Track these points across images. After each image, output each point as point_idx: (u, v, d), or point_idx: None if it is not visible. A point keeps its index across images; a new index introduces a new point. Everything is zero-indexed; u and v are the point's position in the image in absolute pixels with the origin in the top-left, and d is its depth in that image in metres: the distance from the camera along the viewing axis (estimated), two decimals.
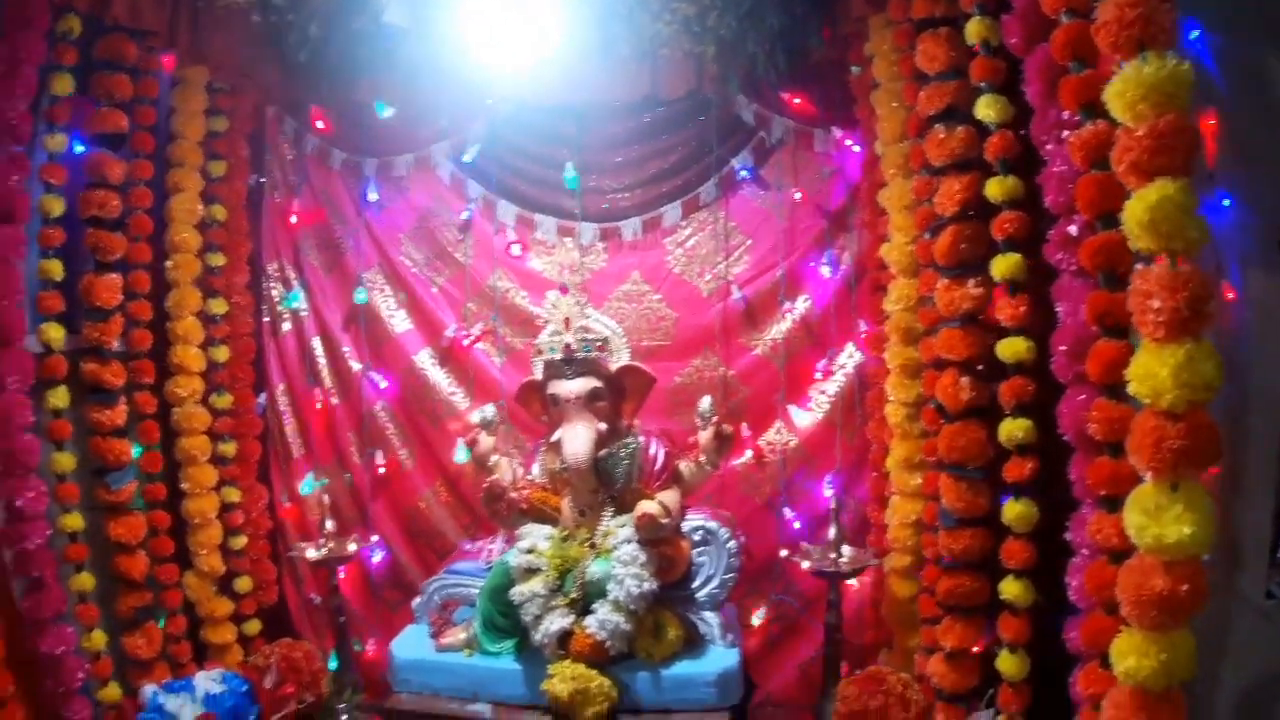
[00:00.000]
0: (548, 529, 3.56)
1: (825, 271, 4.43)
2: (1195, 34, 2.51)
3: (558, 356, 3.64)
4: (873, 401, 4.16)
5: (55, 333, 3.51)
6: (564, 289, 3.94)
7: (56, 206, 3.50)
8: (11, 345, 3.28)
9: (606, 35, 4.03)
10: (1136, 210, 1.89)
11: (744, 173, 4.48)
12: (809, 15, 3.92)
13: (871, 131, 3.95)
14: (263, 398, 4.69)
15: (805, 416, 4.49)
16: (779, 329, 4.48)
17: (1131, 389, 1.95)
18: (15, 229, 3.29)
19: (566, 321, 3.67)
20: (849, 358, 4.42)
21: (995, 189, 2.92)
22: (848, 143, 4.31)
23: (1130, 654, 1.97)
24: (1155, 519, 1.88)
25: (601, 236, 4.60)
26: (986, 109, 2.92)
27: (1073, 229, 2.51)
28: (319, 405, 4.77)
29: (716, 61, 4.07)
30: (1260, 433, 2.73)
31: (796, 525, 4.40)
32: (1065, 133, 2.45)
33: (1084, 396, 2.48)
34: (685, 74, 4.16)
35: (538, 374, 3.76)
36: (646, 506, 3.38)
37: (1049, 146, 2.57)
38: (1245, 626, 2.78)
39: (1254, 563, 2.77)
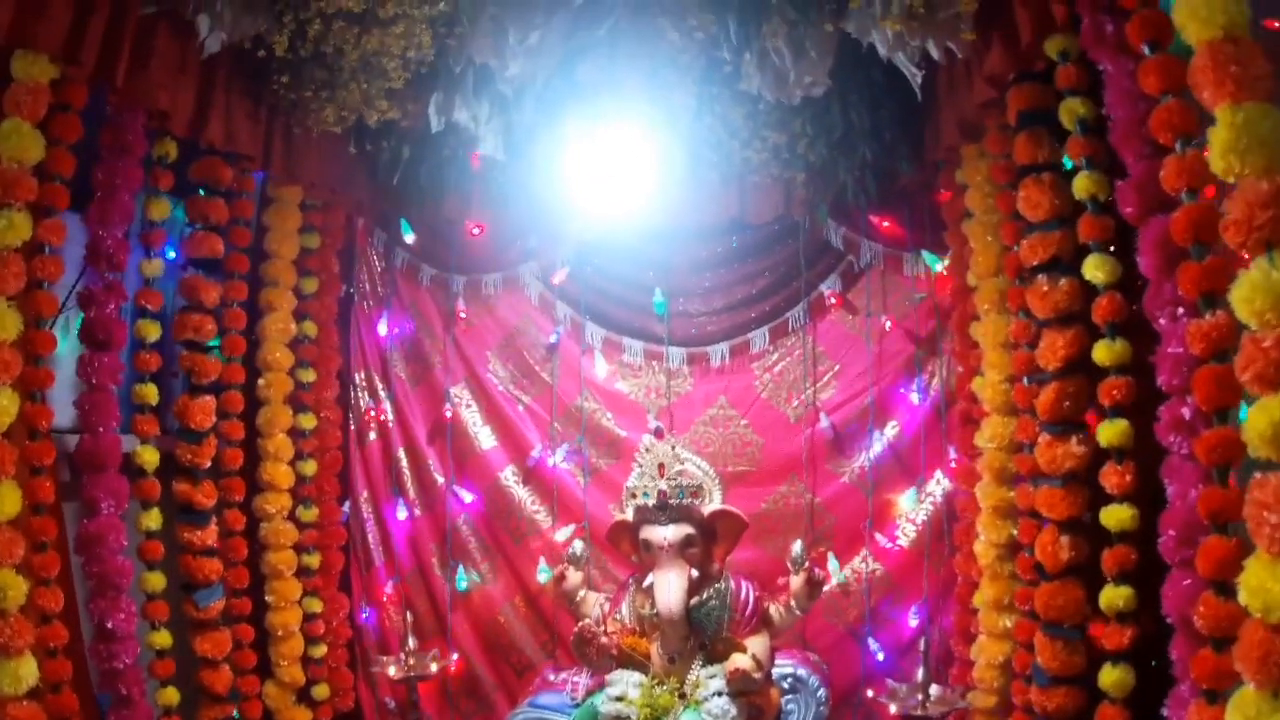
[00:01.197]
0: (637, 676, 3.55)
1: (914, 398, 4.43)
2: None
3: (651, 503, 3.66)
4: (961, 534, 4.08)
5: (150, 456, 3.58)
6: (660, 434, 4.01)
7: (153, 331, 3.58)
8: (107, 470, 3.34)
9: (695, 161, 4.11)
10: (1259, 423, 1.83)
11: (832, 298, 4.53)
12: (899, 141, 3.94)
13: (961, 258, 3.95)
14: (347, 506, 4.72)
15: (892, 545, 4.46)
16: (867, 456, 4.47)
17: (1242, 599, 1.92)
18: (113, 356, 3.37)
19: (661, 467, 3.70)
20: (938, 485, 4.39)
21: (1104, 354, 2.87)
22: (937, 268, 4.30)
23: None
24: None
25: (689, 360, 4.64)
26: (1095, 270, 2.87)
27: (1185, 411, 2.43)
28: (402, 516, 4.79)
29: (805, 187, 4.15)
30: None
31: (880, 656, 4.34)
32: (1179, 310, 2.38)
33: (1189, 581, 2.41)
34: (773, 199, 4.23)
35: (629, 515, 3.77)
36: (740, 661, 3.36)
37: (1162, 321, 2.49)
38: None
39: None
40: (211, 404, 3.81)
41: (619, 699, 3.42)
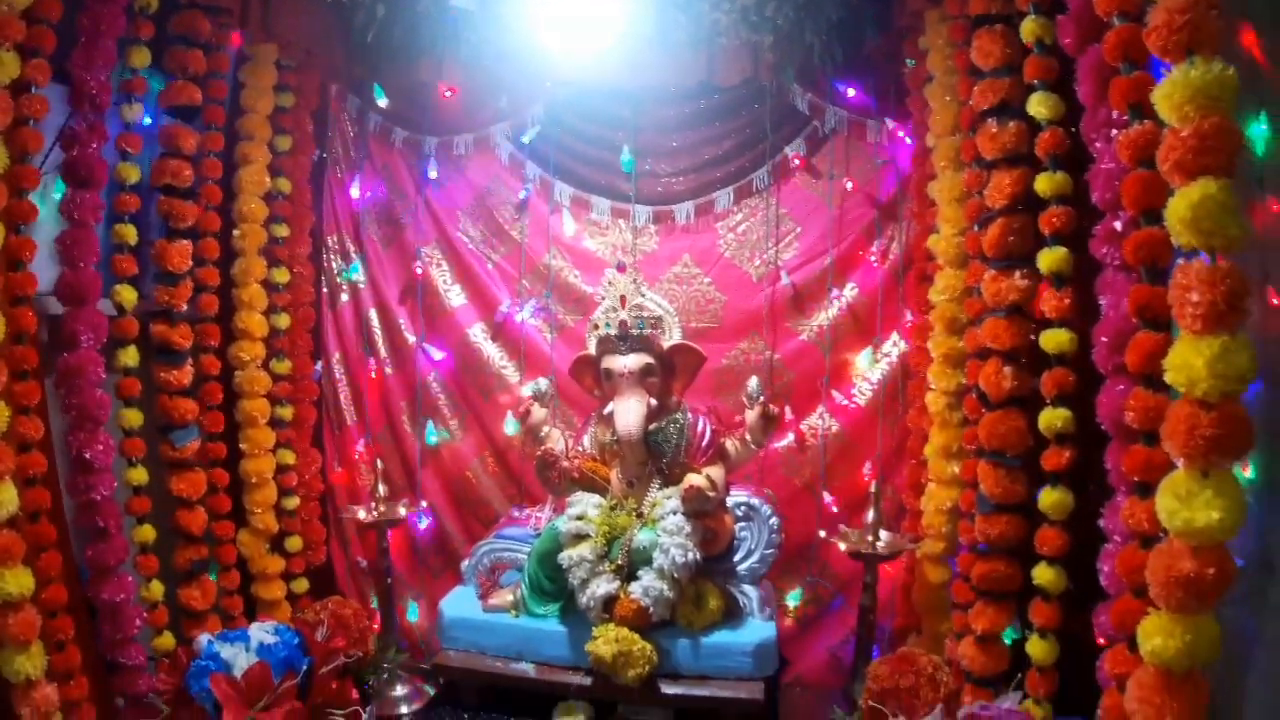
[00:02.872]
0: (597, 498, 3.68)
1: (873, 260, 4.52)
2: None
3: (613, 332, 3.75)
4: (914, 390, 4.22)
5: (128, 294, 3.61)
6: (622, 268, 4.08)
7: (132, 174, 3.59)
8: (87, 304, 3.37)
9: (665, 22, 4.12)
10: (1179, 208, 1.96)
11: (796, 161, 4.55)
12: (866, 7, 3.99)
13: (923, 124, 4.00)
14: (319, 366, 4.80)
15: (848, 403, 4.58)
16: (826, 315, 4.56)
17: (1168, 378, 2.02)
18: (93, 194, 3.37)
19: (623, 299, 3.78)
20: (894, 347, 4.49)
21: (1044, 184, 2.96)
22: (900, 134, 4.36)
23: (1156, 635, 2.05)
24: (1186, 504, 1.95)
25: (655, 219, 4.70)
26: (1039, 106, 2.96)
27: (1118, 224, 2.57)
28: (373, 375, 4.89)
29: (773, 50, 4.16)
30: None
31: (835, 509, 4.48)
32: (1114, 131, 2.50)
33: (1123, 387, 2.53)
34: (741, 62, 4.24)
35: (592, 349, 3.87)
36: (694, 479, 3.48)
37: (1098, 144, 2.62)
38: (1274, 636, 2.83)
39: None
40: (188, 248, 3.83)
41: (579, 518, 3.54)
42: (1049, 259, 2.98)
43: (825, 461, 4.54)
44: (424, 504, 4.77)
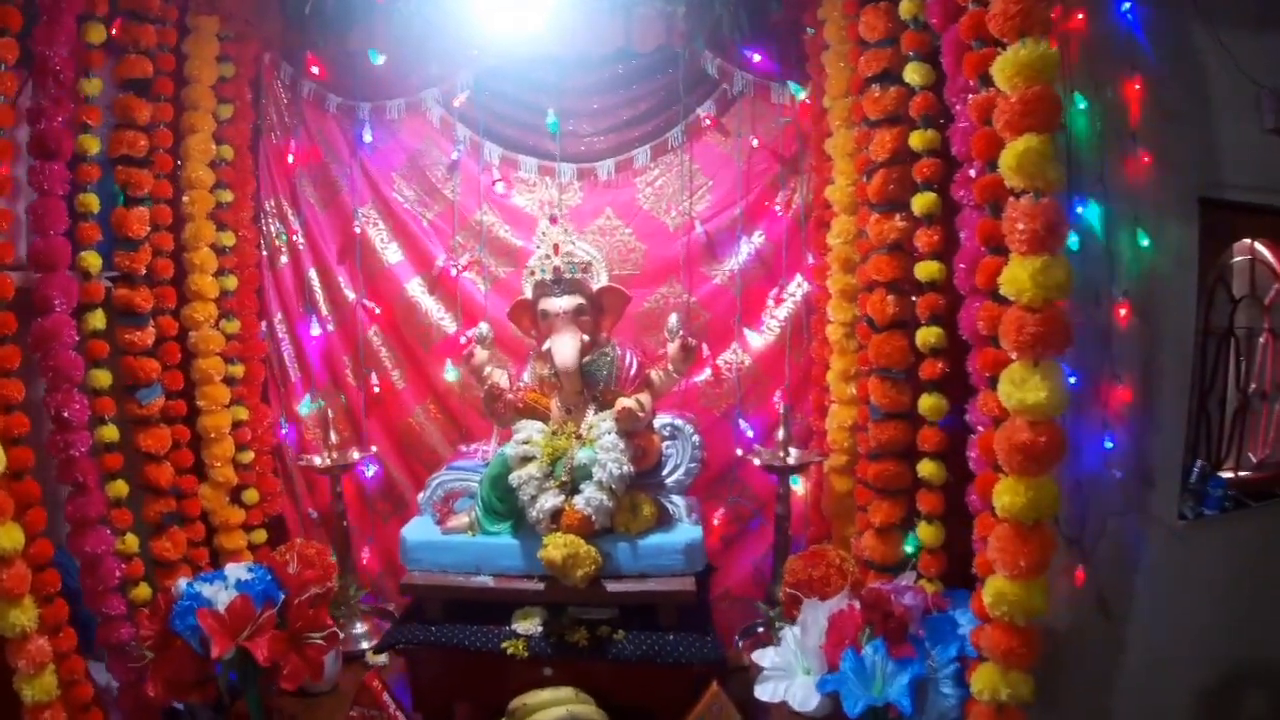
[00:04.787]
0: (540, 424, 3.90)
1: (778, 210, 4.77)
2: (1126, 6, 3.03)
3: (548, 277, 4.00)
4: (817, 325, 4.53)
5: (94, 260, 3.69)
6: (554, 220, 4.29)
7: (93, 145, 3.67)
8: (57, 270, 3.46)
9: None
10: (1009, 158, 2.45)
11: (707, 120, 4.76)
12: None
13: (821, 87, 4.29)
14: (264, 326, 4.90)
15: (758, 339, 4.86)
16: (736, 261, 4.80)
17: (1003, 290, 2.49)
18: (60, 165, 3.46)
19: (555, 247, 3.97)
20: (798, 287, 4.78)
21: (918, 140, 3.43)
22: (800, 96, 4.62)
23: (1005, 494, 2.56)
24: (1019, 388, 2.46)
25: (579, 176, 4.86)
26: (912, 74, 3.42)
27: (972, 172, 3.03)
28: (315, 333, 4.99)
29: (685, 20, 4.36)
30: (1172, 368, 3.30)
31: (750, 434, 4.78)
32: (969, 96, 2.94)
33: (978, 304, 2.96)
34: (657, 30, 4.45)
35: (528, 293, 4.05)
36: (625, 402, 3.77)
37: (958, 107, 3.09)
38: (1158, 544, 3.36)
39: (1166, 485, 3.36)
40: (145, 214, 3.91)
41: (525, 442, 3.80)
42: (921, 202, 3.45)
43: (740, 393, 4.82)
44: (374, 448, 4.91)
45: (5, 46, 3.15)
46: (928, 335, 3.45)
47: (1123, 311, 3.31)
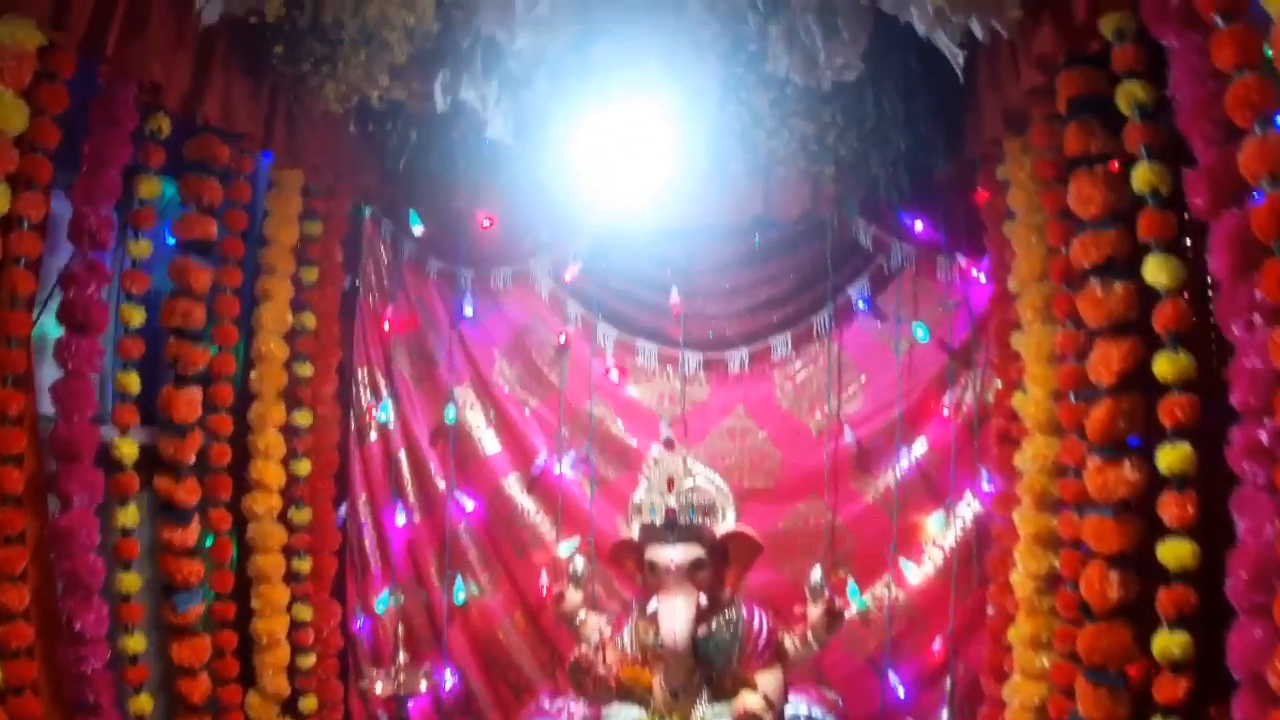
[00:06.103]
0: (637, 711, 3.53)
1: (945, 413, 4.40)
2: None
3: (658, 521, 3.63)
4: (995, 563, 3.97)
5: (129, 449, 3.49)
6: (670, 445, 3.98)
7: (136, 316, 3.50)
8: (80, 461, 3.23)
9: (718, 152, 4.03)
10: None
11: (860, 302, 4.49)
12: (934, 133, 3.86)
13: (1002, 263, 3.87)
14: (343, 509, 4.67)
15: (917, 571, 4.41)
16: (893, 474, 4.42)
17: None
18: (91, 341, 3.26)
19: (670, 481, 3.67)
20: (968, 507, 4.33)
21: (1166, 367, 2.70)
22: (974, 272, 4.29)
23: None
24: None
25: (705, 366, 4.61)
26: (1157, 273, 2.71)
27: (1263, 434, 2.20)
28: (400, 522, 4.76)
29: (834, 182, 4.04)
30: None
31: (900, 692, 4.28)
32: (1257, 317, 2.19)
33: (1261, 632, 2.20)
34: (800, 194, 4.14)
35: (634, 533, 3.74)
36: (749, 701, 3.34)
37: (1237, 333, 2.27)
38: None
39: None
40: (198, 396, 3.71)
41: None
42: (1172, 457, 2.70)
43: (891, 636, 4.34)
44: (448, 670, 4.60)
45: (35, 165, 2.94)
46: (1170, 644, 2.69)
47: None
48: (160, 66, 3.10)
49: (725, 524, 3.69)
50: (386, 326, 4.78)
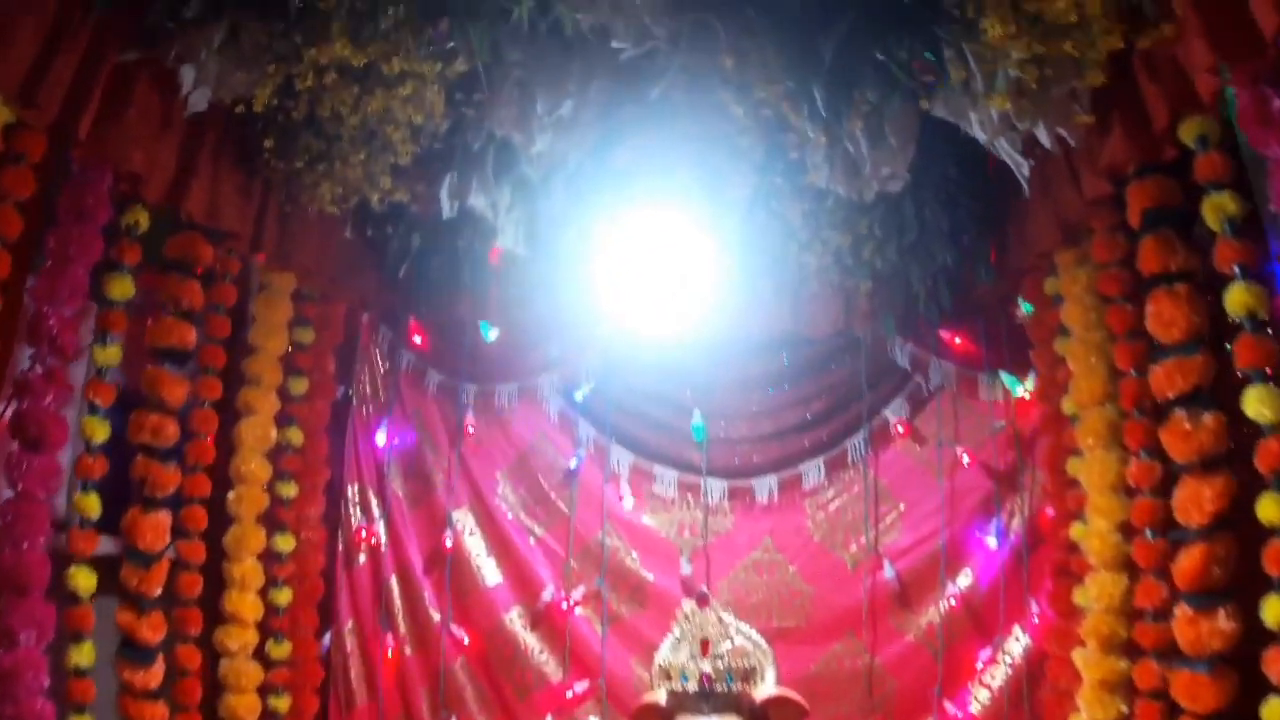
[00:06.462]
0: None
1: (992, 543, 4.24)
2: None
3: (691, 687, 3.45)
4: (1051, 706, 3.78)
5: (85, 580, 3.20)
6: (704, 600, 3.82)
7: (100, 432, 3.25)
8: (30, 594, 2.94)
9: (746, 265, 3.93)
10: None
11: (898, 426, 4.38)
12: (978, 246, 3.74)
13: (1052, 382, 3.73)
14: (327, 638, 4.41)
15: (963, 716, 4.19)
16: (937, 611, 4.26)
17: None
18: (47, 459, 3.00)
19: (705, 644, 3.51)
20: (1017, 642, 4.17)
21: (1271, 511, 2.47)
22: (1018, 392, 4.16)
23: None
24: None
25: (730, 495, 4.47)
26: (1260, 405, 2.51)
27: None
28: (389, 653, 4.52)
29: (869, 297, 3.97)
30: None
31: None
32: None
33: None
34: (833, 310, 4.09)
35: (661, 699, 3.58)
36: None
37: None
38: None
39: None
40: (166, 521, 3.43)
41: None
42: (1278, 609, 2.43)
43: None
44: None
45: None
46: None
47: None
48: (141, 155, 2.93)
49: (765, 686, 3.49)
50: (381, 441, 4.61)
